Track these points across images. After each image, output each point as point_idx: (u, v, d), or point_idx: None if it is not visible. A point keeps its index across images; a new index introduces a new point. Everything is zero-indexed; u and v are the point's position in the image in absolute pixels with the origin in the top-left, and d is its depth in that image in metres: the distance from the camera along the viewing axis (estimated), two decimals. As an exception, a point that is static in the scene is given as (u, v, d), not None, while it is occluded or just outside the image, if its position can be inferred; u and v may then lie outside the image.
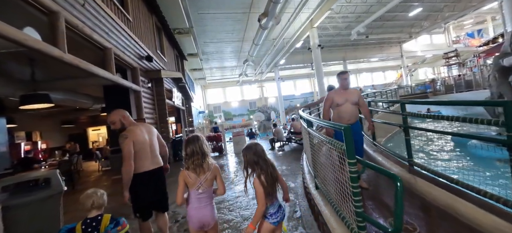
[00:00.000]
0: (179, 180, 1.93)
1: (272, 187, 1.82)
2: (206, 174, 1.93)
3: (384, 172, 1.60)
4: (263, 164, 1.83)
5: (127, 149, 2.36)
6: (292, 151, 7.71)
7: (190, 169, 1.91)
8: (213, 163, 2.04)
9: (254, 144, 1.95)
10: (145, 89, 7.71)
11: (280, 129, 8.61)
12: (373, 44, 23.83)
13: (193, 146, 1.96)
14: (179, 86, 12.54)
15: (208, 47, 19.13)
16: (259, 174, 1.79)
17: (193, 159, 1.92)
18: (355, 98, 3.22)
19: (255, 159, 1.84)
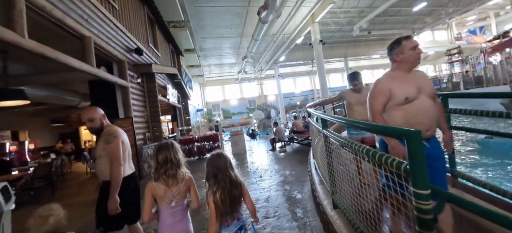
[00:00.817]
0: (145, 193, 1.67)
1: (230, 207, 1.58)
2: (178, 186, 1.69)
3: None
4: (222, 179, 1.61)
5: (117, 150, 2.16)
6: (295, 152, 7.02)
7: (160, 180, 1.66)
8: (187, 173, 1.83)
9: (217, 155, 1.72)
10: (134, 84, 6.99)
11: (281, 128, 7.92)
12: (375, 41, 23.12)
13: (166, 154, 1.71)
14: (175, 83, 11.81)
15: (206, 43, 18.37)
16: (215, 190, 1.57)
17: (165, 168, 1.67)
18: (431, 88, 1.71)
19: (214, 172, 1.63)
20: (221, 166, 1.65)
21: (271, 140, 7.78)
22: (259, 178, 4.77)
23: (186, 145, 8.36)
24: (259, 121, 17.19)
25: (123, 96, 6.41)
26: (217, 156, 1.70)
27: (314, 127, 3.17)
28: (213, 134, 8.53)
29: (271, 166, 5.61)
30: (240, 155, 7.91)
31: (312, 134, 3.46)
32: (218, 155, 1.72)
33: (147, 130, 7.62)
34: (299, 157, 6.22)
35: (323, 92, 15.71)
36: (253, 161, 6.59)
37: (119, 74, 6.39)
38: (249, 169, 5.76)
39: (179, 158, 1.76)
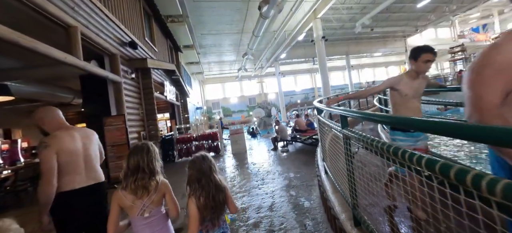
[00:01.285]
0: (111, 203, 1.49)
1: (213, 213, 1.47)
2: (150, 196, 1.48)
3: None
4: (206, 183, 1.49)
5: (46, 163, 1.70)
6: (298, 152, 6.59)
7: (129, 189, 1.44)
8: (162, 179, 1.61)
9: (202, 157, 1.58)
10: (128, 80, 6.55)
11: (283, 126, 7.50)
12: (377, 38, 22.65)
13: (139, 160, 1.51)
14: (173, 80, 11.37)
15: (205, 40, 17.90)
16: (198, 195, 1.45)
17: (135, 177, 1.46)
18: None
19: (198, 177, 1.50)
20: (205, 170, 1.51)
21: (273, 139, 7.35)
22: (260, 181, 4.35)
23: (184, 144, 7.93)
24: (259, 119, 16.75)
25: (116, 92, 5.97)
26: (202, 159, 1.56)
27: (325, 125, 2.74)
28: (212, 132, 8.10)
29: (273, 168, 5.19)
30: (240, 155, 7.49)
31: (322, 134, 3.03)
32: (203, 157, 1.57)
33: (143, 128, 7.19)
34: (303, 158, 5.79)
35: (325, 90, 15.26)
36: (254, 162, 6.17)
37: (111, 69, 5.94)
38: (250, 170, 5.34)
39: (154, 166, 1.55)
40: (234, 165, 6.17)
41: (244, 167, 5.72)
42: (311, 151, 6.42)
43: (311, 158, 5.58)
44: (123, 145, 5.54)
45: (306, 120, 8.72)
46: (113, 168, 5.52)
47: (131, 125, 6.43)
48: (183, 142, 7.90)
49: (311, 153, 6.18)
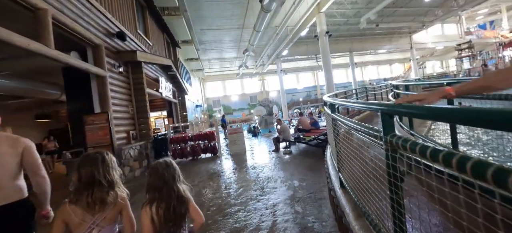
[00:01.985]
0: (54, 220, 1.30)
1: (171, 226, 1.30)
2: (105, 212, 1.29)
3: None
4: (167, 194, 1.31)
5: None
6: (302, 155, 5.91)
7: (79, 204, 1.25)
8: (121, 193, 1.38)
9: (165, 164, 1.40)
10: (114, 74, 5.90)
11: (286, 125, 6.80)
12: (382, 35, 21.82)
13: (93, 171, 1.29)
14: (169, 76, 10.72)
15: (205, 36, 17.20)
16: (157, 206, 1.28)
17: (92, 190, 1.26)
18: None
19: (159, 185, 1.32)
20: (167, 179, 1.36)
21: (275, 139, 6.68)
22: (260, 190, 3.69)
23: (178, 144, 7.28)
24: (260, 118, 16.07)
25: (100, 87, 5.33)
26: (165, 166, 1.41)
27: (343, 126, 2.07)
28: (208, 132, 7.44)
29: (275, 173, 4.52)
30: (239, 156, 6.83)
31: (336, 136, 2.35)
32: (166, 164, 1.43)
33: (132, 127, 6.55)
34: (308, 162, 5.12)
35: (329, 87, 14.54)
36: (253, 165, 5.51)
37: (95, 61, 5.29)
38: (249, 175, 4.67)
39: (112, 177, 1.36)
40: (231, 168, 5.52)
41: (242, 171, 5.06)
42: (316, 154, 5.75)
43: (317, 162, 4.91)
44: (107, 147, 4.90)
45: (310, 118, 8.05)
46: (95, 172, 4.87)
47: (118, 124, 5.79)
48: (177, 142, 7.25)
49: (317, 156, 5.50)
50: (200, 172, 5.49)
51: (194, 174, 5.37)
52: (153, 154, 6.90)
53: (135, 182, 5.31)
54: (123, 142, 5.92)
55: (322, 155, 5.43)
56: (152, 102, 12.90)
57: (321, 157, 5.33)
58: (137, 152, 6.08)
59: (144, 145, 6.55)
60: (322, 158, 5.15)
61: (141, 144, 6.39)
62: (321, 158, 5.21)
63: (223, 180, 4.59)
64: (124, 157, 5.41)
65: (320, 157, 5.31)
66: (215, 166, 5.91)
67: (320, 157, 5.30)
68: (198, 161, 6.92)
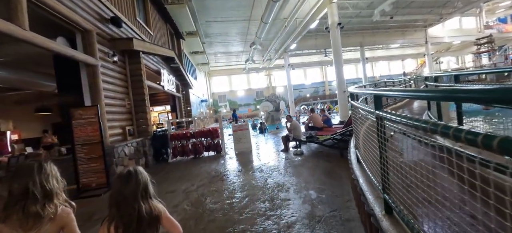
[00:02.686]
0: None
1: None
2: (41, 228, 1.12)
3: None
4: (126, 212, 1.07)
5: None
6: (316, 157, 5.21)
7: (8, 222, 1.08)
8: (65, 208, 1.21)
9: (127, 176, 1.13)
10: (108, 63, 5.30)
11: (297, 123, 6.06)
12: (396, 28, 20.62)
13: (27, 182, 1.13)
14: (172, 68, 10.14)
15: (211, 28, 16.51)
16: (116, 226, 1.07)
17: (24, 203, 1.09)
18: None
19: (117, 200, 1.10)
20: (127, 194, 1.10)
21: (284, 138, 5.99)
22: (269, 202, 3.03)
23: (179, 141, 6.69)
24: (267, 114, 15.37)
25: (91, 78, 4.74)
26: (126, 179, 1.13)
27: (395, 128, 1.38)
28: (211, 128, 6.81)
29: (286, 179, 3.86)
30: (244, 156, 6.19)
31: (381, 144, 1.65)
32: (128, 176, 1.15)
33: (129, 122, 5.98)
34: (324, 166, 4.42)
35: (339, 82, 13.69)
36: (260, 167, 4.85)
37: (85, 48, 4.70)
38: (256, 181, 4.03)
39: (52, 187, 1.17)
40: (235, 170, 4.88)
41: (247, 175, 4.41)
42: (332, 156, 5.05)
43: (335, 167, 4.22)
44: (96, 144, 4.33)
45: (322, 116, 7.33)
46: (83, 173, 4.33)
47: (113, 119, 5.22)
48: (177, 139, 6.66)
49: (334, 159, 4.80)
50: (200, 173, 4.87)
51: (194, 175, 4.76)
52: (152, 152, 6.34)
53: (129, 183, 4.74)
54: (118, 139, 5.36)
55: (339, 158, 4.73)
56: (155, 96, 12.39)
57: (339, 160, 4.63)
58: (133, 150, 5.51)
59: (141, 142, 5.98)
60: (340, 162, 4.45)
61: (138, 141, 5.83)
62: (339, 161, 4.51)
63: (225, 185, 3.96)
64: (117, 155, 4.85)
65: (337, 160, 4.62)
66: (218, 167, 5.29)
67: (338, 160, 4.61)
68: (200, 160, 6.32)
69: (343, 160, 4.57)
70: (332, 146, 5.27)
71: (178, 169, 5.48)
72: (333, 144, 5.27)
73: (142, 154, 5.95)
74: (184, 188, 4.01)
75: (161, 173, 5.25)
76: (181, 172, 5.18)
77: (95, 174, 4.36)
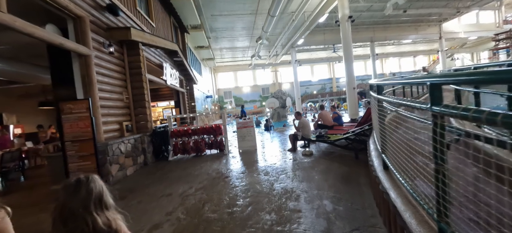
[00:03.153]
0: None
1: None
2: None
3: None
4: (74, 228, 0.89)
5: None
6: (327, 158, 4.71)
7: None
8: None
9: (75, 185, 0.94)
10: (104, 54, 4.92)
11: (306, 121, 5.54)
12: (408, 23, 19.66)
13: None
14: (176, 63, 9.75)
15: (216, 22, 16.03)
16: None
17: None
18: None
19: (63, 215, 0.90)
20: (75, 205, 0.90)
21: (292, 137, 5.51)
22: (276, 213, 2.58)
23: (180, 138, 6.30)
24: (272, 110, 14.88)
25: (83, 69, 4.36)
26: (74, 188, 0.93)
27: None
28: (214, 125, 6.38)
29: (295, 185, 3.39)
30: (249, 155, 5.75)
31: (439, 158, 1.17)
32: (77, 184, 0.95)
33: (127, 118, 5.61)
34: (337, 169, 3.93)
35: (349, 78, 13.06)
36: (266, 169, 4.40)
37: (77, 37, 4.32)
38: (260, 185, 3.58)
39: None
40: (239, 171, 4.44)
41: (251, 177, 3.97)
42: (346, 158, 4.54)
43: (351, 171, 3.72)
44: (88, 141, 3.96)
45: (332, 113, 6.80)
46: (74, 172, 3.97)
47: (108, 114, 4.85)
48: (178, 136, 6.27)
49: (348, 161, 4.30)
50: (201, 174, 4.46)
51: (193, 176, 4.35)
52: (151, 149, 5.97)
53: (124, 183, 4.37)
54: (114, 135, 5.00)
55: (354, 161, 4.22)
56: (158, 91, 12.06)
57: (354, 163, 4.12)
58: (130, 147, 5.14)
59: (140, 139, 5.61)
60: (356, 165, 3.94)
61: (136, 137, 5.46)
62: (355, 165, 4.01)
63: (227, 188, 3.53)
64: (112, 153, 4.47)
65: (352, 163, 4.12)
66: (220, 167, 4.87)
67: (353, 163, 4.10)
68: (201, 158, 5.92)
69: (359, 163, 4.07)
70: (345, 147, 4.76)
71: (177, 168, 5.09)
72: (347, 145, 4.76)
73: (140, 152, 5.58)
74: (182, 191, 3.59)
75: (158, 173, 4.87)
76: (181, 171, 4.78)
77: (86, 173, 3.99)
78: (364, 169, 3.64)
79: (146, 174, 4.90)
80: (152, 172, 5.01)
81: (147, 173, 4.97)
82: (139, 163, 5.47)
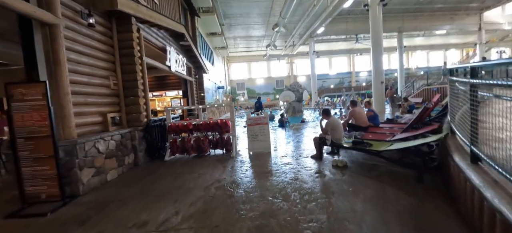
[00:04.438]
0: None
1: None
2: None
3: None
4: None
5: None
6: (369, 176, 3.26)
7: None
8: None
9: None
10: (80, 26, 3.80)
11: (337, 121, 4.11)
12: (443, 11, 17.20)
13: None
14: (183, 48, 8.60)
15: (230, 7, 14.69)
16: None
17: None
18: None
19: None
20: None
21: (318, 141, 4.16)
22: None
23: (179, 135, 5.18)
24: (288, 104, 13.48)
25: (47, 43, 3.26)
26: None
27: None
28: (219, 120, 5.17)
29: (338, 227, 2.11)
30: (261, 161, 4.51)
31: None
32: None
33: (115, 108, 4.53)
34: (396, 200, 2.54)
35: (377, 71, 11.35)
36: (284, 188, 3.14)
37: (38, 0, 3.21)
38: (278, 221, 2.33)
39: None
40: (247, 188, 3.21)
41: (265, 205, 2.69)
42: (399, 176, 3.17)
43: (424, 204, 2.34)
44: (46, 138, 2.88)
45: (368, 110, 5.36)
46: (29, 179, 2.93)
47: (85, 103, 3.76)
48: (176, 131, 5.14)
49: (405, 184, 2.89)
50: (196, 186, 3.29)
51: (186, 190, 3.18)
52: (144, 147, 4.88)
53: (98, 193, 3.29)
54: (94, 130, 3.93)
55: (418, 185, 2.80)
56: (166, 78, 11.05)
57: (422, 190, 2.67)
58: (114, 145, 4.06)
59: (129, 134, 4.52)
60: (427, 195, 2.46)
61: (124, 133, 4.37)
62: (423, 193, 2.59)
63: (229, 221, 2.31)
64: (84, 154, 3.39)
65: (415, 188, 2.71)
66: (223, 176, 3.67)
67: (417, 189, 2.69)
68: (202, 161, 4.76)
69: (429, 189, 2.67)
70: (398, 162, 3.34)
71: (170, 174, 3.96)
72: (400, 158, 3.35)
73: (129, 150, 4.51)
74: (163, 219, 2.43)
75: (146, 180, 3.75)
76: (173, 180, 3.64)
77: (44, 180, 2.95)
78: (443, 203, 2.28)
79: (131, 180, 3.81)
80: (139, 177, 3.91)
81: (132, 178, 3.88)
82: (127, 164, 4.40)
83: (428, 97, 12.55)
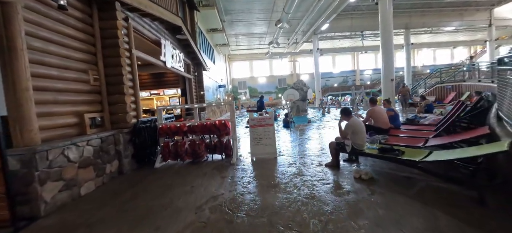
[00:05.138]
0: None
1: None
2: None
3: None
4: None
5: None
6: (407, 195, 2.53)
7: None
8: None
9: None
10: (46, 7, 3.10)
11: (359, 123, 3.39)
12: (453, 7, 16.38)
13: None
14: (180, 43, 7.91)
15: (232, 3, 13.97)
16: None
17: None
18: None
19: None
20: None
21: (334, 146, 3.44)
22: None
23: (171, 138, 4.49)
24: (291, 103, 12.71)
25: (0, 26, 2.57)
26: None
27: None
28: (217, 121, 4.47)
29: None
30: (266, 170, 3.81)
31: None
32: None
33: (96, 107, 3.84)
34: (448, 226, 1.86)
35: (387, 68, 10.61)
36: (298, 210, 2.43)
37: (-13, -30, 2.50)
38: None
39: None
40: (249, 209, 2.51)
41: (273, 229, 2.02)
42: (446, 193, 2.45)
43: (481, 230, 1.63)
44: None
45: (389, 110, 4.64)
46: (-31, 198, 2.24)
47: (54, 101, 3.06)
48: (168, 134, 4.44)
49: (462, 207, 2.16)
50: (186, 207, 2.59)
51: (172, 212, 2.49)
52: (131, 152, 4.19)
53: (62, 216, 2.60)
54: (67, 133, 3.24)
55: (478, 208, 2.08)
56: (164, 76, 10.36)
57: (482, 215, 1.98)
58: (91, 151, 3.37)
59: (112, 138, 3.83)
60: (499, 226, 1.78)
61: (105, 136, 3.68)
62: (489, 221, 1.87)
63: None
64: (46, 164, 2.70)
65: (478, 215, 1.98)
66: (220, 191, 2.97)
67: (481, 216, 1.96)
68: (198, 168, 4.06)
69: (497, 216, 1.94)
70: (440, 176, 2.61)
71: (158, 187, 3.26)
72: (444, 175, 2.62)
73: (112, 156, 3.81)
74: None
75: (127, 194, 3.06)
76: (158, 197, 2.94)
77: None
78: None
79: (111, 194, 3.12)
80: (121, 190, 3.22)
81: (112, 192, 3.19)
82: (110, 173, 3.71)
83: (442, 96, 11.77)
